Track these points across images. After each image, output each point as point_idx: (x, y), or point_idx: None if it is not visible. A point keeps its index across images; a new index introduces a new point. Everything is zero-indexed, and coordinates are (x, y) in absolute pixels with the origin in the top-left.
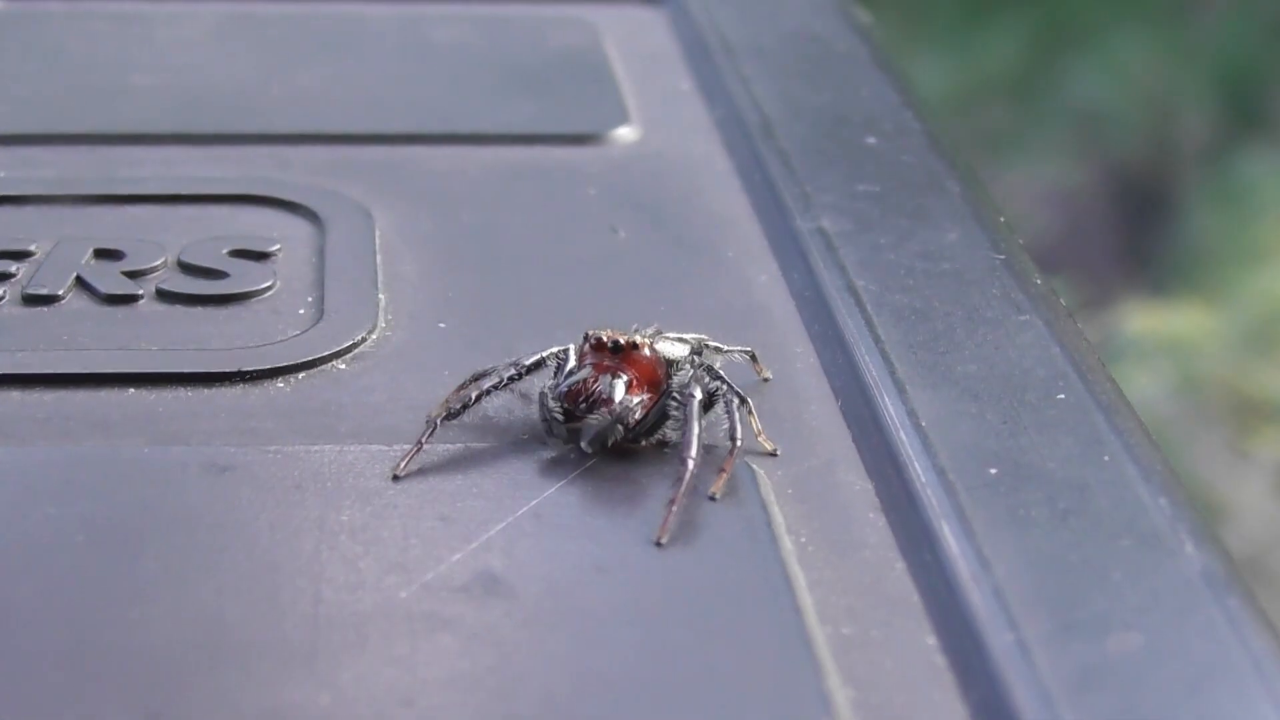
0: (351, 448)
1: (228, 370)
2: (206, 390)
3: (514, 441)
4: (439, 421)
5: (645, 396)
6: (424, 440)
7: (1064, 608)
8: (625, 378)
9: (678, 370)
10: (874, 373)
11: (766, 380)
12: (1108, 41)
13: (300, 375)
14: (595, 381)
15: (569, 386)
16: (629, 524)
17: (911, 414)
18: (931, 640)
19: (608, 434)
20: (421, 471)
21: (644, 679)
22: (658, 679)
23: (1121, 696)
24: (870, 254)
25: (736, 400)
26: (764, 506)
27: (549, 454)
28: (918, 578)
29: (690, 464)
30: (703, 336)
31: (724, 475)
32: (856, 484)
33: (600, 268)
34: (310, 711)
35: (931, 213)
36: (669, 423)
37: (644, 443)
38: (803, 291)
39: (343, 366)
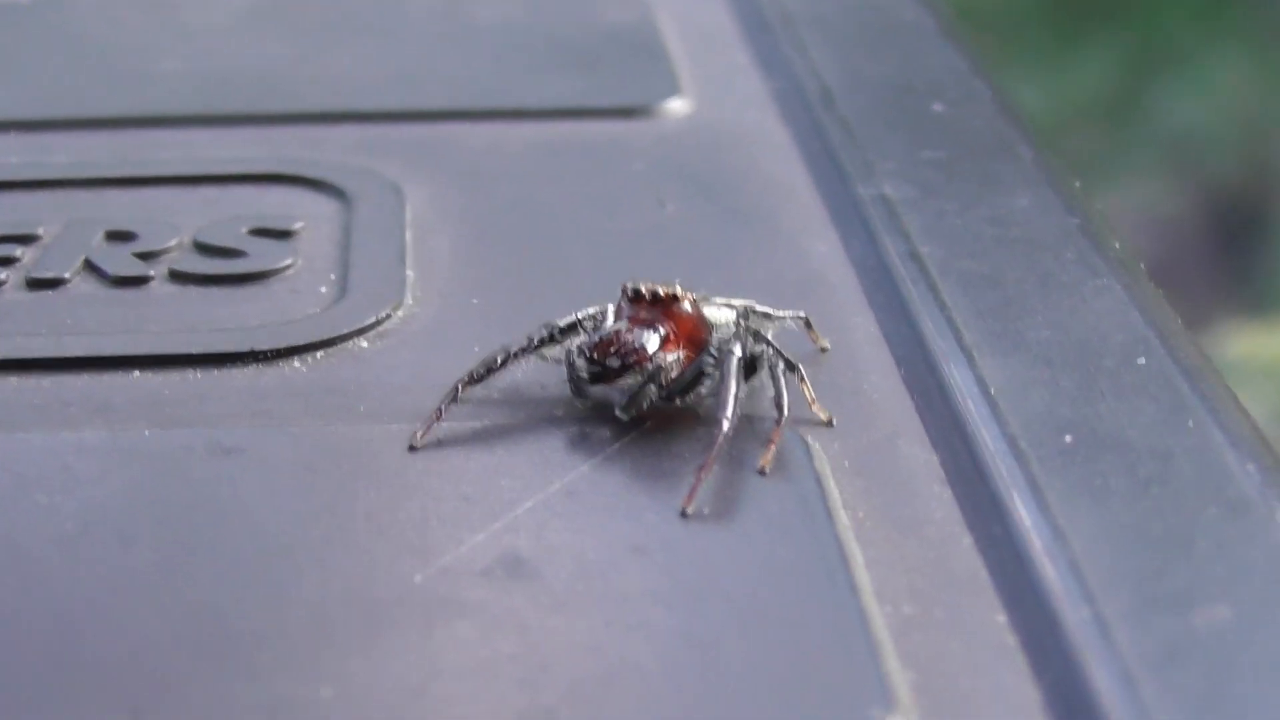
0: (370, 427)
1: (239, 350)
2: (216, 372)
3: (547, 417)
4: (461, 387)
5: (682, 354)
6: (444, 408)
7: (1146, 581)
8: (662, 331)
9: (720, 331)
10: (939, 340)
11: (824, 350)
12: (1202, 63)
13: (318, 354)
14: (629, 333)
15: (600, 337)
16: (671, 501)
17: (980, 381)
18: (1001, 618)
19: (642, 397)
20: (445, 449)
21: (683, 666)
22: (699, 666)
23: (1209, 674)
24: (935, 220)
25: (783, 365)
26: (818, 481)
27: (584, 429)
28: (986, 553)
29: (724, 425)
30: (751, 302)
31: (772, 447)
32: (920, 456)
33: (646, 241)
34: (310, 706)
35: (1001, 178)
36: (706, 383)
37: (678, 402)
38: (863, 260)
39: (365, 345)
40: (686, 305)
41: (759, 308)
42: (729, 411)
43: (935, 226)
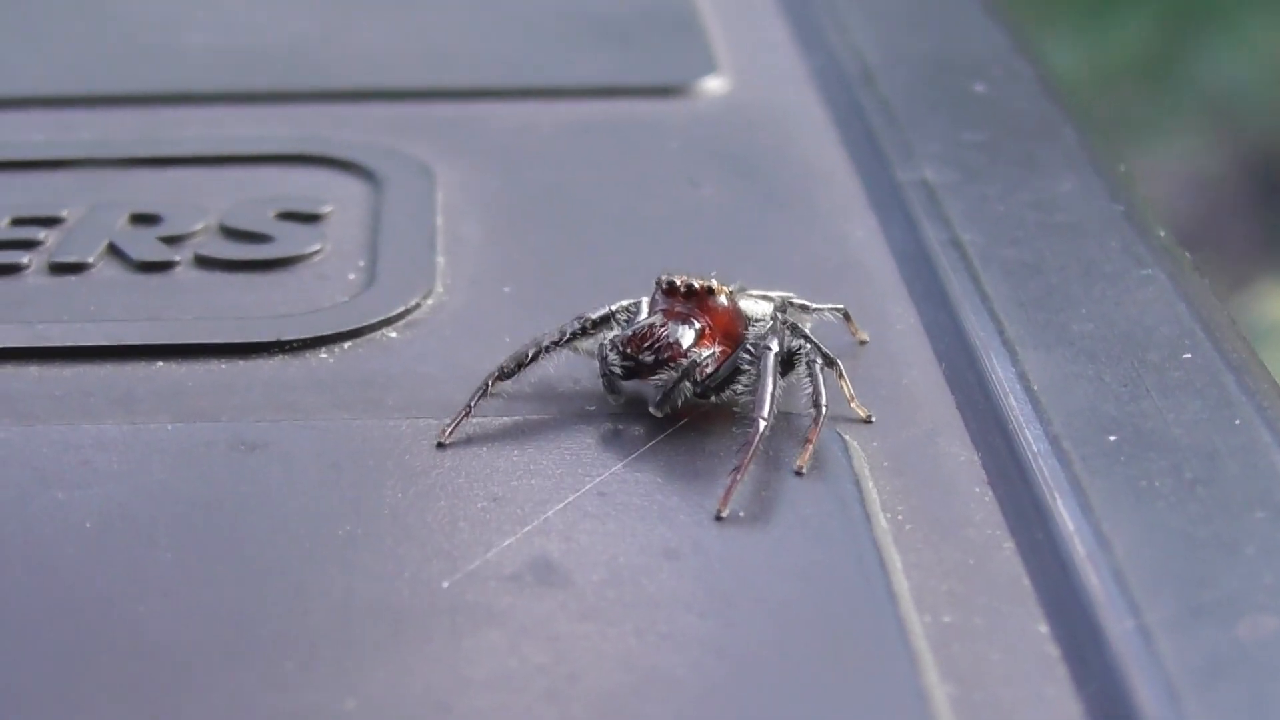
0: (398, 422)
1: (265, 340)
2: (241, 362)
3: (578, 413)
4: (491, 382)
5: (717, 349)
6: (473, 403)
7: (1191, 589)
8: (697, 326)
9: (757, 326)
10: (980, 333)
11: (863, 343)
12: (1241, 21)
13: (346, 345)
14: (663, 327)
15: (633, 331)
16: (705, 502)
17: (1022, 377)
18: (1043, 628)
19: (676, 394)
20: (474, 446)
21: (717, 677)
22: (733, 676)
23: (1255, 688)
24: (977, 205)
25: (821, 361)
26: (856, 481)
27: (617, 425)
28: (1028, 558)
29: (760, 424)
30: (789, 294)
31: (809, 446)
32: (961, 455)
33: (680, 225)
34: (333, 718)
35: (1044, 161)
36: (742, 379)
37: (713, 399)
38: (903, 247)
39: (394, 335)
40: (722, 299)
41: (797, 300)
42: (766, 410)
43: (977, 212)
